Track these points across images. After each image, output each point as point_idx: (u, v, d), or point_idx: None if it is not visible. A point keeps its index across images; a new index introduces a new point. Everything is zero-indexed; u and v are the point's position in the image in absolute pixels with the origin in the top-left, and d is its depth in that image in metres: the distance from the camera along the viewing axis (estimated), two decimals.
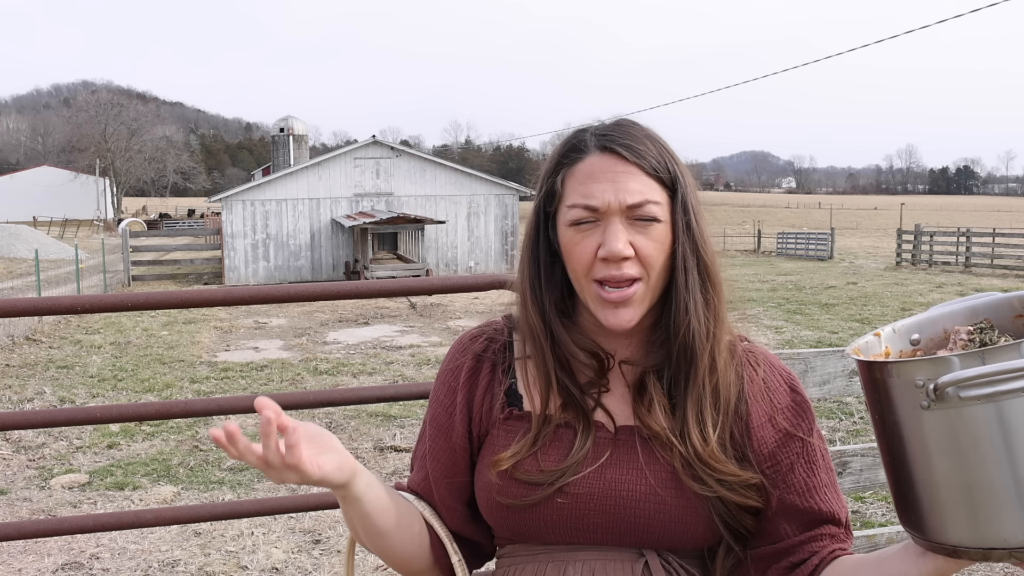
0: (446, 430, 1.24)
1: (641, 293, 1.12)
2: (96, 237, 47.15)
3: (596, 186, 1.12)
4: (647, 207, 1.11)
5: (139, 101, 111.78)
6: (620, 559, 1.14)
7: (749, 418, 1.18)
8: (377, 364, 11.64)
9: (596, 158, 1.14)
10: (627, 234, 1.11)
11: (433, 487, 1.25)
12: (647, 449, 1.15)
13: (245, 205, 27.27)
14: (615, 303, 1.12)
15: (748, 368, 1.21)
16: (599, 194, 1.11)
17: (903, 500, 0.97)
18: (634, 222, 1.11)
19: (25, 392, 9.80)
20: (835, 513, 1.16)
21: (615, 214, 1.11)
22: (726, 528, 1.15)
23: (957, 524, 0.90)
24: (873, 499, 5.86)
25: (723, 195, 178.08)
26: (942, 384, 0.86)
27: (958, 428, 0.88)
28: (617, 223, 1.11)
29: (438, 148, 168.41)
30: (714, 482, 1.12)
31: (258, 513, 2.65)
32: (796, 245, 35.75)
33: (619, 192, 1.11)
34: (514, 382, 1.22)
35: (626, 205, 1.10)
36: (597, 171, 1.13)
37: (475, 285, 2.42)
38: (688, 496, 1.13)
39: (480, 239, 28.84)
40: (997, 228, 31.68)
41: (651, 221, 1.11)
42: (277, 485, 6.51)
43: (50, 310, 2.34)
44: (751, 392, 1.19)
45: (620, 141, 1.14)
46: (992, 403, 0.86)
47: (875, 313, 16.39)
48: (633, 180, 1.12)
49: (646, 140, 1.15)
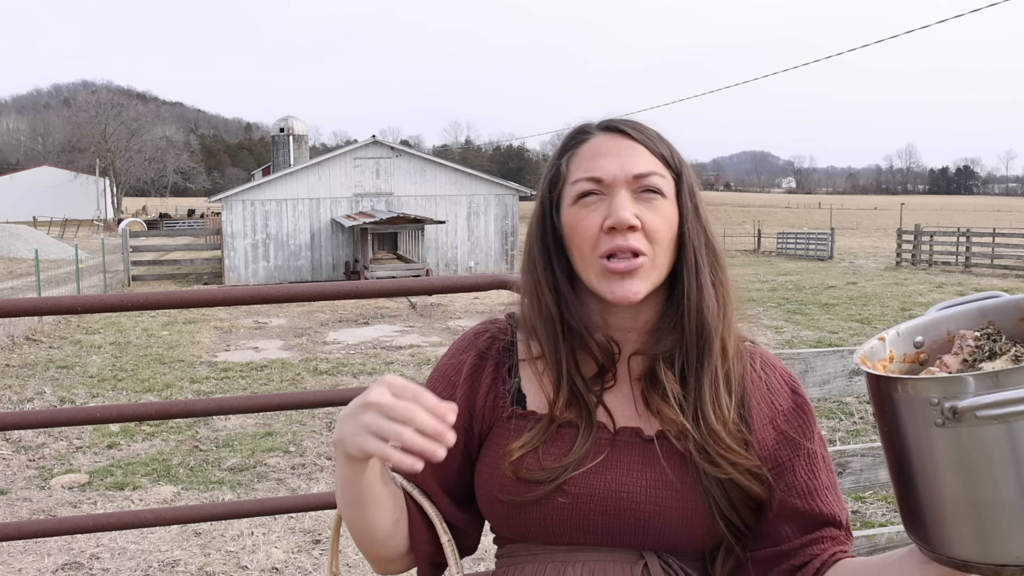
0: None
1: (647, 267, 1.12)
2: (96, 237, 47.17)
3: (602, 160, 1.14)
4: (652, 178, 1.13)
5: (139, 101, 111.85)
6: (620, 560, 1.14)
7: (751, 419, 1.18)
8: (377, 364, 11.64)
9: (602, 137, 1.17)
10: (634, 207, 1.12)
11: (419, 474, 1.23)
12: (648, 450, 1.15)
13: (245, 205, 27.27)
14: (621, 274, 1.11)
15: (751, 369, 1.21)
16: (605, 167, 1.13)
17: (911, 513, 0.96)
18: (640, 195, 1.13)
19: (25, 392, 9.81)
20: (836, 515, 1.16)
21: (621, 185, 1.12)
22: (727, 524, 1.15)
23: (966, 540, 0.90)
24: (873, 499, 5.86)
25: (723, 195, 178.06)
26: (963, 409, 0.86)
27: (969, 446, 0.87)
28: (623, 193, 1.12)
29: (438, 148, 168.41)
30: (727, 464, 1.12)
31: (258, 513, 2.65)
32: (796, 245, 35.76)
33: (625, 163, 1.13)
34: (518, 381, 1.22)
35: (632, 175, 1.13)
36: (603, 148, 1.15)
37: (475, 285, 2.42)
38: (689, 498, 1.13)
39: (480, 239, 28.84)
40: (997, 228, 31.68)
41: (656, 194, 1.13)
42: (277, 485, 6.52)
43: (50, 310, 2.34)
44: (753, 393, 1.19)
45: (625, 123, 1.18)
46: (1004, 424, 0.86)
47: (875, 313, 16.39)
48: (639, 155, 1.14)
49: (650, 128, 1.19)
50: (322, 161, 28.21)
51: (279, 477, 6.72)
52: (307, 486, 6.49)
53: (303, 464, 7.03)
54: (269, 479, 6.67)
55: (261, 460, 7.15)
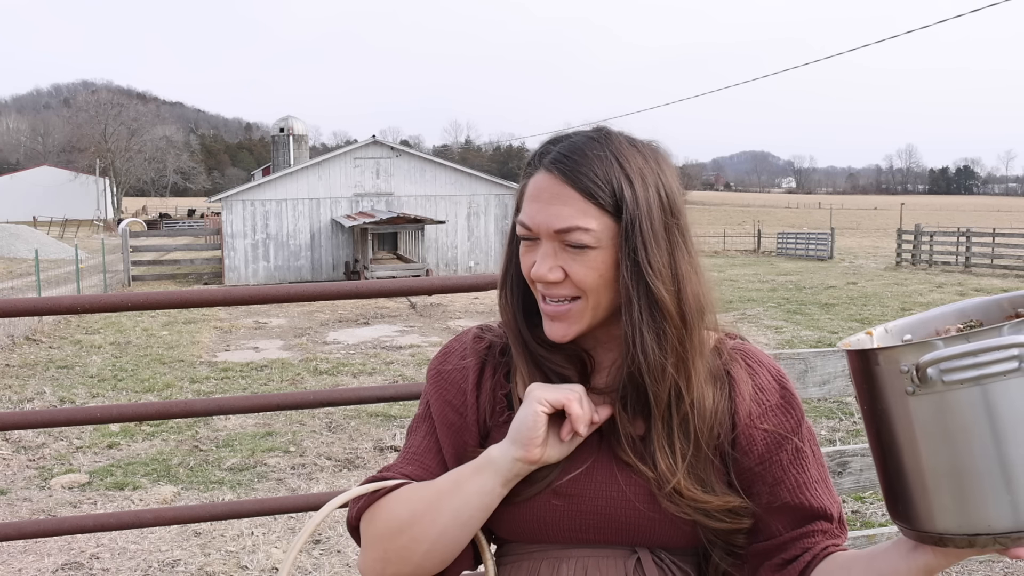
0: (459, 429, 1.23)
1: (579, 310, 1.12)
2: (96, 237, 47.17)
3: (533, 206, 1.12)
4: (574, 234, 1.09)
5: (139, 101, 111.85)
6: (613, 556, 1.16)
7: (736, 417, 1.17)
8: (377, 364, 11.65)
9: (540, 176, 1.13)
10: (558, 258, 1.11)
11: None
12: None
13: (245, 205, 27.27)
14: (551, 316, 1.14)
15: (736, 367, 1.20)
16: (533, 214, 1.12)
17: (891, 490, 0.97)
18: (565, 247, 1.11)
19: (25, 392, 9.81)
20: (827, 509, 1.16)
21: (546, 237, 1.11)
22: (712, 546, 1.16)
23: (944, 511, 0.91)
24: (873, 499, 5.85)
25: (723, 195, 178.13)
26: (923, 364, 0.87)
27: (944, 413, 0.88)
28: (547, 246, 1.11)
29: (438, 148, 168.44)
30: (690, 508, 1.12)
31: (258, 513, 2.65)
32: (796, 245, 35.76)
33: (549, 216, 1.10)
34: (513, 386, 1.23)
35: (552, 230, 1.10)
36: (536, 191, 1.12)
37: (475, 285, 2.43)
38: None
39: (480, 239, 28.85)
40: (997, 228, 31.71)
41: (582, 248, 1.10)
42: (277, 485, 6.52)
43: (50, 310, 2.34)
44: (739, 391, 1.19)
45: (562, 161, 1.11)
46: (977, 386, 0.86)
47: (875, 313, 16.39)
48: (565, 204, 1.09)
49: (596, 160, 1.10)
50: (322, 161, 28.22)
51: (279, 477, 6.72)
52: (307, 486, 6.49)
53: (303, 464, 7.03)
54: (269, 479, 6.67)
55: (261, 460, 7.15)
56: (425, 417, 1.27)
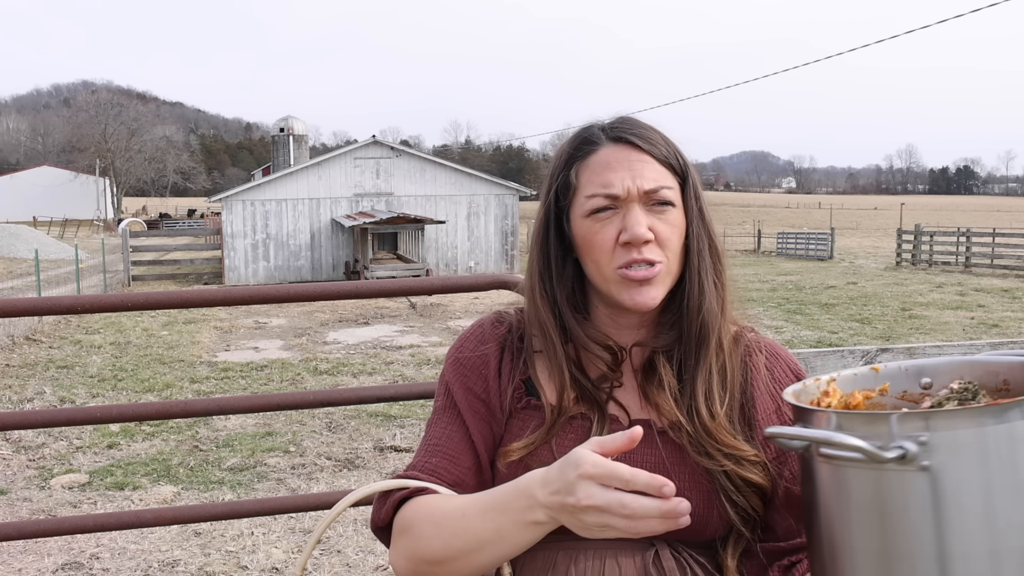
0: (484, 417, 1.23)
1: (662, 275, 1.17)
2: (96, 237, 47.17)
3: (614, 175, 1.16)
4: (662, 192, 1.16)
5: (139, 101, 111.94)
6: (631, 548, 1.14)
7: (754, 408, 1.20)
8: (377, 364, 11.65)
9: (610, 149, 1.18)
10: (646, 219, 1.15)
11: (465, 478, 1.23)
12: (663, 440, 1.17)
13: (245, 205, 27.28)
14: (640, 282, 1.15)
15: (754, 357, 1.23)
16: (618, 182, 1.16)
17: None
18: (651, 207, 1.16)
19: (25, 392, 9.81)
20: None
21: (634, 200, 1.15)
22: (735, 508, 1.16)
23: None
24: None
25: (723, 195, 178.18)
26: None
27: (840, 488, 0.90)
28: (637, 209, 1.15)
29: (438, 148, 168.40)
30: (721, 456, 1.14)
31: (258, 513, 2.65)
32: (796, 245, 35.78)
33: (636, 179, 1.16)
34: (533, 372, 1.24)
35: (643, 191, 1.15)
36: (613, 160, 1.17)
37: (475, 285, 2.43)
38: (702, 487, 1.15)
39: (480, 239, 28.85)
40: (997, 228, 31.69)
41: (666, 205, 1.17)
42: (277, 485, 6.52)
43: (50, 310, 2.34)
44: (756, 382, 1.21)
45: (631, 132, 1.19)
46: (838, 467, 0.89)
47: (875, 313, 16.40)
48: (648, 168, 1.17)
49: (654, 132, 1.21)
50: (322, 161, 28.23)
51: (279, 477, 6.72)
52: (307, 486, 6.49)
53: (303, 464, 7.03)
54: (269, 479, 6.67)
55: (261, 460, 7.15)
56: (446, 408, 1.26)
